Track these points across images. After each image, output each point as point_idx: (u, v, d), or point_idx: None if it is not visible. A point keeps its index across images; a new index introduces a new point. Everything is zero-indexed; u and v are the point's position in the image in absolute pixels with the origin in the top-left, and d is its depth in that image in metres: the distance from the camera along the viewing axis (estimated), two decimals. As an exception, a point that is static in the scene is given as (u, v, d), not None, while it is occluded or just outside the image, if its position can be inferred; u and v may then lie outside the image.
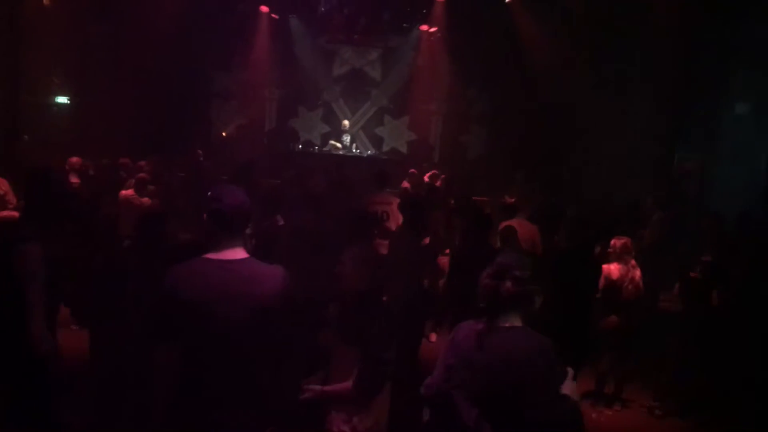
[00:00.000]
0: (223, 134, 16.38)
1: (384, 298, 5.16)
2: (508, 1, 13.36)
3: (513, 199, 8.55)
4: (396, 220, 7.08)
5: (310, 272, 4.83)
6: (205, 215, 2.78)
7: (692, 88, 9.64)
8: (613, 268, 5.92)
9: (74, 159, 7.74)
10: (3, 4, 10.22)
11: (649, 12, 9.89)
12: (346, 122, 16.56)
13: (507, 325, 2.66)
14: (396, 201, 7.47)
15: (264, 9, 15.44)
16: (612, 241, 6.05)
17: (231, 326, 2.66)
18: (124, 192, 7.64)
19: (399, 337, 5.29)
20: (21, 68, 11.10)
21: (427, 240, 6.16)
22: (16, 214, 4.41)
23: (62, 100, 13.61)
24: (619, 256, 5.94)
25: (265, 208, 6.38)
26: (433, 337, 7.36)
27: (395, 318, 5.10)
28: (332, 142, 16.19)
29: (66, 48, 12.49)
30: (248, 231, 4.72)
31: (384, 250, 6.21)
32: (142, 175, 7.89)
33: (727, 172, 10.39)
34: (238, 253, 2.81)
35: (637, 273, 5.95)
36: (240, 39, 15.69)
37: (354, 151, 15.90)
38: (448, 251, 6.91)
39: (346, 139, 16.09)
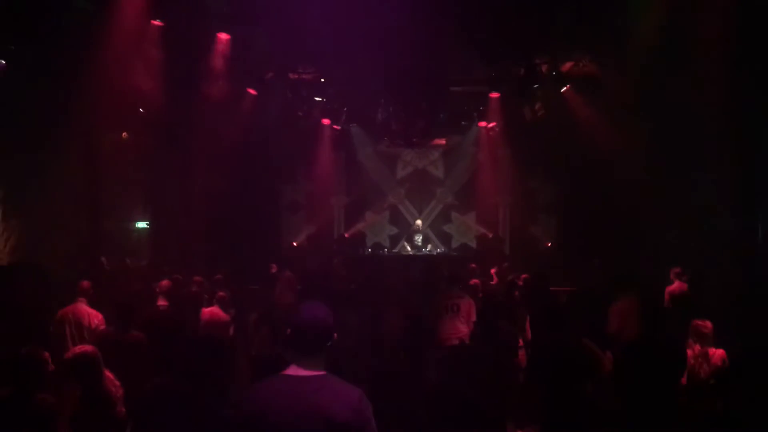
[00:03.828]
0: (294, 244, 16.73)
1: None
2: (563, 91, 13.48)
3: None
4: (467, 314, 7.45)
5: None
6: (288, 330, 2.87)
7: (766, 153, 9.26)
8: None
9: (164, 282, 7.97)
10: (86, 138, 10.95)
11: (713, 76, 9.63)
12: (419, 222, 16.80)
13: None
14: (466, 296, 7.77)
15: (326, 121, 16.04)
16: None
17: None
18: (206, 309, 7.78)
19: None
20: (102, 197, 11.76)
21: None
22: (90, 347, 4.52)
23: (142, 225, 14.26)
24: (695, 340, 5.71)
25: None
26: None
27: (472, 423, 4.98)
28: (406, 244, 16.42)
29: (143, 175, 13.20)
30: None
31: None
32: (221, 293, 8.06)
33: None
34: (315, 370, 2.83)
35: (715, 357, 5.64)
36: (304, 152, 16.31)
37: (424, 250, 15.96)
38: (521, 344, 6.95)
39: (419, 238, 16.21)
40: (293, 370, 2.82)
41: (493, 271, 11.63)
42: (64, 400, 4.37)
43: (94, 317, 6.79)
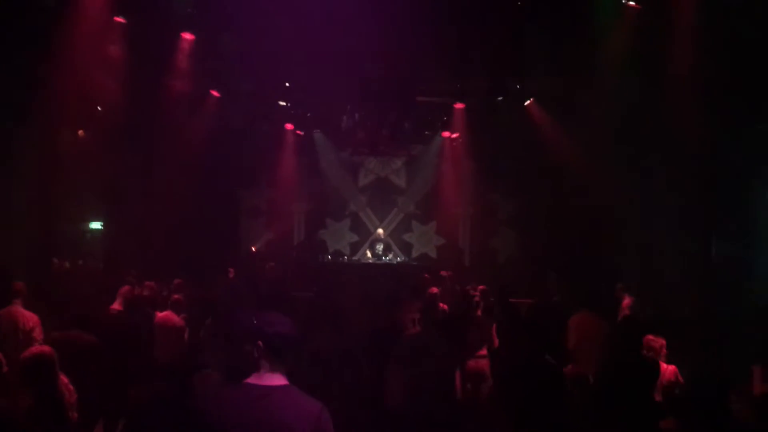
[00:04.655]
0: (253, 249, 16.54)
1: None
2: (527, 104, 13.62)
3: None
4: None
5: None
6: (259, 342, 2.79)
7: (724, 177, 9.48)
8: None
9: (125, 288, 7.76)
10: (40, 136, 10.65)
11: (673, 101, 9.85)
12: (380, 231, 16.77)
13: None
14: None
15: (289, 126, 15.91)
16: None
17: None
18: (160, 314, 7.60)
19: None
20: (56, 196, 11.44)
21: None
22: (48, 348, 4.35)
23: (96, 225, 13.93)
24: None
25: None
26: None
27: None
28: (367, 252, 16.41)
29: (99, 175, 12.89)
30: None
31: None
32: (176, 296, 7.88)
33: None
34: (279, 380, 2.81)
35: (667, 373, 5.70)
36: (266, 156, 16.15)
37: (384, 259, 15.93)
38: (485, 353, 6.91)
39: (380, 247, 16.17)
40: (256, 379, 2.79)
41: (443, 273, 11.72)
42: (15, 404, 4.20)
43: (29, 320, 6.57)
